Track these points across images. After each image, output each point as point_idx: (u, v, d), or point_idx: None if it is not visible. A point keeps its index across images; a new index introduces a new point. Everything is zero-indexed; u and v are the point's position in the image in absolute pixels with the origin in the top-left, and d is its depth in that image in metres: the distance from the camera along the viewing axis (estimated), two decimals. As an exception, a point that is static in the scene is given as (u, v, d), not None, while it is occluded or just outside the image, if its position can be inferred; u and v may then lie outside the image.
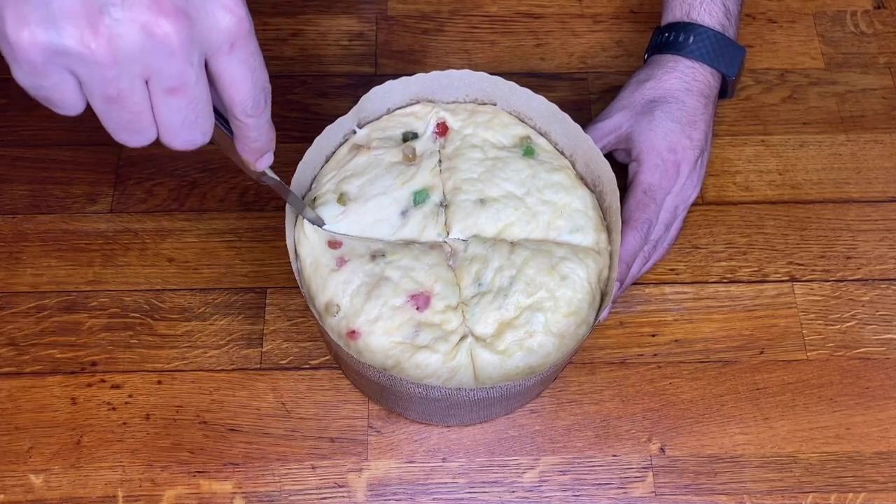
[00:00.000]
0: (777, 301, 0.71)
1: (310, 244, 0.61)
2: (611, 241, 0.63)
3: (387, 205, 0.63)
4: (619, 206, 0.62)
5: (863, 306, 0.71)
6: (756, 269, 0.73)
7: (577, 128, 0.64)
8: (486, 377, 0.59)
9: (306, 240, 0.62)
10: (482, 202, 0.64)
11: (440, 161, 0.66)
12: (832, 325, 0.70)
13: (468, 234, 0.63)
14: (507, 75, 0.66)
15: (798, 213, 0.75)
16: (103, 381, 0.67)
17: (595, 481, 0.64)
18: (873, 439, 0.66)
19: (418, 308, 0.59)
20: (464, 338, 0.59)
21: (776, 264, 0.73)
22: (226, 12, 0.41)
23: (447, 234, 0.63)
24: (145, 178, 0.75)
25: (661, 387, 0.68)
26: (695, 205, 0.74)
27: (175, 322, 0.69)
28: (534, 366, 0.59)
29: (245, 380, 0.67)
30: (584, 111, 0.79)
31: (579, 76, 0.82)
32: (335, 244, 0.62)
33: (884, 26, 0.85)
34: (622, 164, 0.71)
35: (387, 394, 0.61)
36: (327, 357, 0.68)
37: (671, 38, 0.71)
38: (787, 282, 0.72)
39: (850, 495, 0.64)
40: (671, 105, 0.69)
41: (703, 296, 0.71)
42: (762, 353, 0.69)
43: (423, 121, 0.67)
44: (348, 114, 0.64)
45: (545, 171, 0.65)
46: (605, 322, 0.70)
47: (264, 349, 0.68)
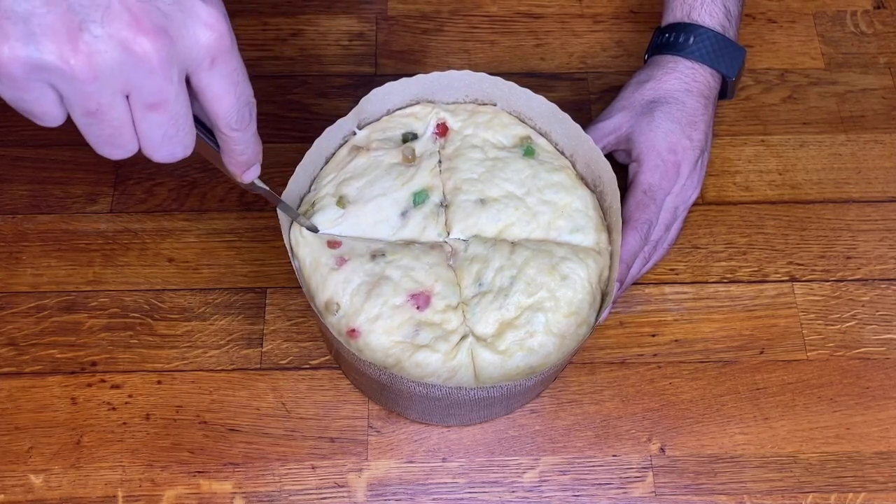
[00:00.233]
0: (777, 301, 0.71)
1: (308, 245, 0.61)
2: (611, 241, 0.63)
3: (386, 206, 0.63)
4: (620, 206, 0.62)
5: (863, 306, 0.71)
6: (756, 269, 0.73)
7: (578, 128, 0.64)
8: (486, 377, 0.59)
9: (304, 241, 0.62)
10: (482, 202, 0.64)
11: (440, 161, 0.66)
12: (832, 325, 0.70)
13: (468, 234, 0.63)
14: (507, 75, 0.66)
15: (798, 213, 0.75)
16: (103, 381, 0.67)
17: (595, 481, 0.64)
18: (873, 439, 0.66)
19: (419, 307, 0.59)
20: (464, 337, 0.59)
21: (776, 264, 0.73)
22: (206, 29, 0.41)
23: (447, 234, 0.63)
24: (145, 178, 0.75)
25: (661, 387, 0.68)
26: (695, 205, 0.75)
27: (175, 322, 0.69)
28: (534, 366, 0.59)
29: (245, 380, 0.67)
30: (584, 111, 0.79)
31: (579, 76, 0.82)
32: (334, 244, 0.62)
33: (884, 26, 0.85)
34: (622, 165, 0.71)
35: (387, 393, 0.61)
36: (327, 357, 0.68)
37: (671, 39, 0.71)
38: (787, 282, 0.72)
39: (850, 495, 0.64)
40: (671, 106, 0.69)
41: (703, 296, 0.71)
42: (762, 353, 0.69)
43: (423, 121, 0.67)
44: (348, 115, 0.64)
45: (545, 172, 0.65)
46: (605, 322, 0.70)
47: (264, 349, 0.68)
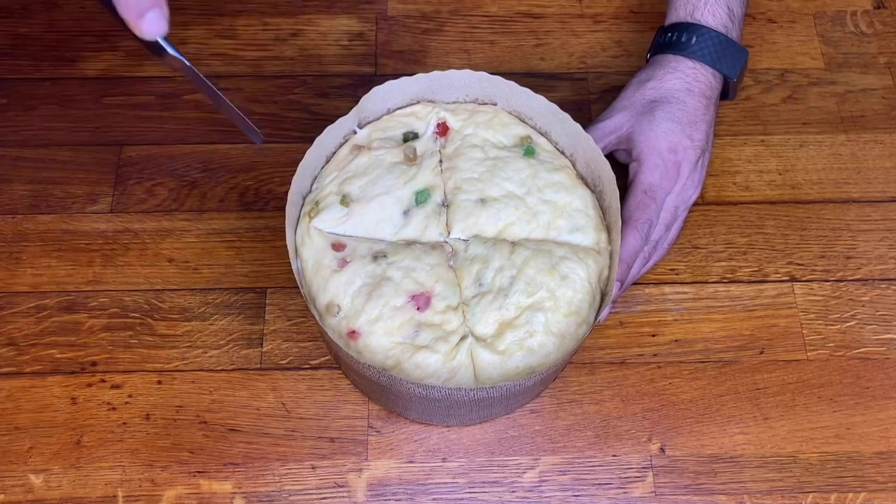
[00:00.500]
0: (777, 301, 0.71)
1: (314, 246, 0.62)
2: (611, 240, 0.63)
3: (389, 204, 0.63)
4: (620, 205, 0.62)
5: (863, 306, 0.71)
6: (756, 269, 0.73)
7: (578, 127, 0.64)
8: (486, 377, 0.59)
9: (310, 241, 0.62)
10: (483, 202, 0.64)
11: (441, 161, 0.66)
12: (832, 325, 0.70)
13: (469, 233, 0.63)
14: (507, 75, 0.66)
15: (798, 213, 0.75)
16: (103, 381, 0.67)
17: (595, 481, 0.64)
18: (873, 439, 0.66)
19: (419, 308, 0.59)
20: (464, 338, 0.59)
21: (776, 264, 0.73)
22: None
23: (448, 233, 0.63)
24: (145, 178, 0.75)
25: (661, 387, 0.68)
26: (695, 205, 0.74)
27: (175, 322, 0.69)
28: (534, 366, 0.59)
29: (245, 380, 0.67)
30: (584, 111, 0.79)
31: (579, 76, 0.82)
32: (339, 246, 0.62)
33: (884, 26, 0.85)
34: (622, 164, 0.71)
35: (387, 394, 0.61)
36: (327, 357, 0.68)
37: (674, 39, 0.71)
38: (787, 282, 0.72)
39: (850, 495, 0.64)
40: (672, 105, 0.69)
41: (703, 296, 0.71)
42: (762, 353, 0.69)
43: (424, 121, 0.67)
44: (349, 114, 0.64)
45: (545, 171, 0.65)
46: (605, 322, 0.70)
47: (264, 349, 0.68)
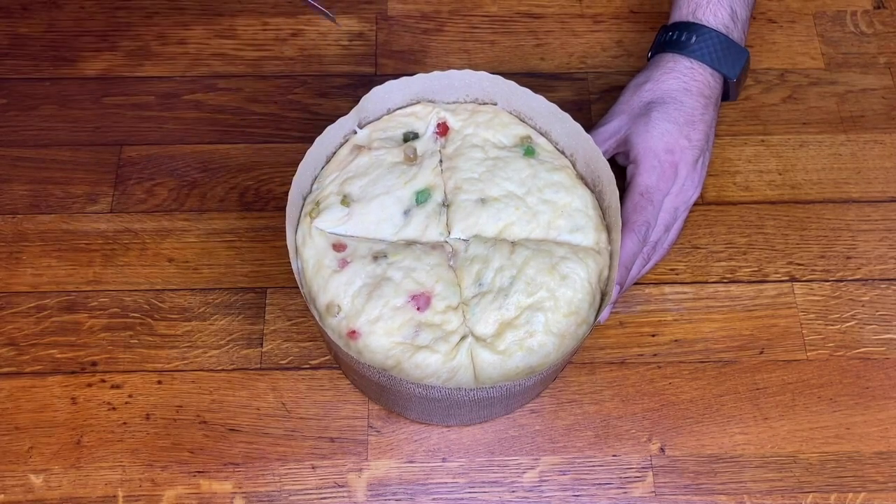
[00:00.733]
0: (777, 301, 0.71)
1: (315, 246, 0.62)
2: (611, 240, 0.63)
3: (389, 204, 0.63)
4: (619, 205, 0.62)
5: (863, 306, 0.71)
6: (756, 269, 0.73)
7: (578, 127, 0.64)
8: (486, 377, 0.59)
9: (312, 242, 0.62)
10: (483, 202, 0.64)
11: (441, 161, 0.66)
12: (832, 325, 0.70)
13: (469, 233, 0.63)
14: (507, 75, 0.66)
15: (798, 213, 0.75)
16: (103, 381, 0.67)
17: (595, 481, 0.64)
18: (873, 439, 0.66)
19: (419, 308, 0.59)
20: (464, 338, 0.59)
21: (776, 264, 0.73)
22: None
23: (448, 233, 0.63)
24: (145, 178, 0.75)
25: (661, 387, 0.68)
26: (695, 205, 0.74)
27: (175, 322, 0.69)
28: (534, 366, 0.59)
29: (245, 380, 0.67)
30: (584, 111, 0.79)
31: (579, 76, 0.82)
32: (340, 247, 0.62)
33: (884, 26, 0.85)
34: (623, 165, 0.71)
35: (387, 394, 0.61)
36: (327, 357, 0.68)
37: (674, 37, 0.71)
38: (787, 282, 0.72)
39: (850, 495, 0.64)
40: (668, 106, 0.69)
41: (703, 296, 0.71)
42: (762, 353, 0.69)
43: (424, 121, 0.67)
44: (349, 114, 0.64)
45: (545, 171, 0.65)
46: (605, 322, 0.70)
47: (264, 349, 0.68)
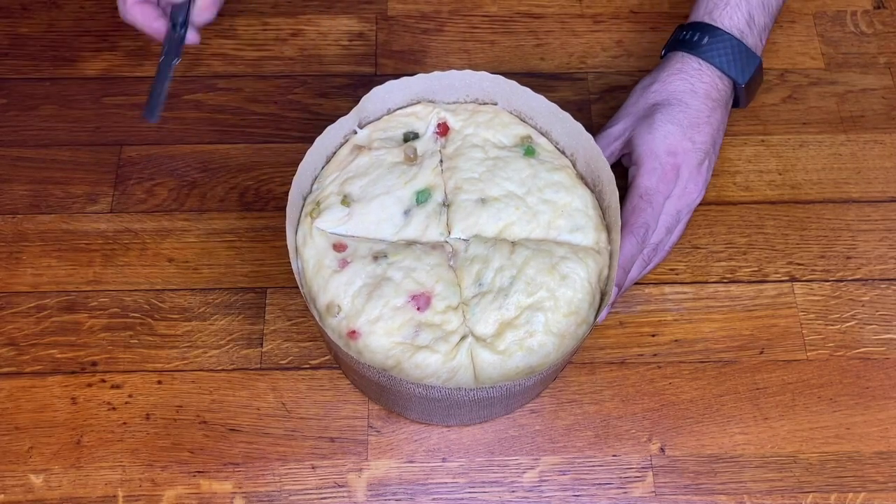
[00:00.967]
0: (777, 301, 0.71)
1: (315, 246, 0.62)
2: (611, 240, 0.63)
3: (390, 204, 0.63)
4: (619, 205, 0.62)
5: (863, 306, 0.71)
6: (756, 269, 0.73)
7: (579, 126, 0.64)
8: (486, 377, 0.59)
9: (312, 242, 0.62)
10: (483, 202, 0.64)
11: (441, 161, 0.66)
12: (832, 325, 0.70)
13: (469, 233, 0.63)
14: (507, 75, 0.66)
15: (798, 213, 0.75)
16: (103, 381, 0.67)
17: (595, 481, 0.64)
18: (873, 439, 0.66)
19: (419, 308, 0.59)
20: (464, 338, 0.59)
21: (776, 264, 0.73)
22: None
23: (449, 233, 0.63)
24: (145, 178, 0.75)
25: (661, 387, 0.68)
26: (695, 205, 0.75)
27: (175, 322, 0.69)
28: (534, 366, 0.59)
29: (245, 380, 0.67)
30: (584, 111, 0.79)
31: (579, 76, 0.82)
32: (340, 247, 0.62)
33: (884, 26, 0.85)
34: (624, 165, 0.71)
35: (387, 394, 0.61)
36: (327, 357, 0.68)
37: (687, 37, 0.71)
38: (787, 282, 0.72)
39: (850, 495, 0.64)
40: (673, 108, 0.68)
41: (703, 296, 0.71)
42: (762, 353, 0.69)
43: (424, 121, 0.67)
44: (349, 114, 0.64)
45: (546, 171, 0.65)
46: (604, 322, 0.70)
47: (264, 349, 0.68)
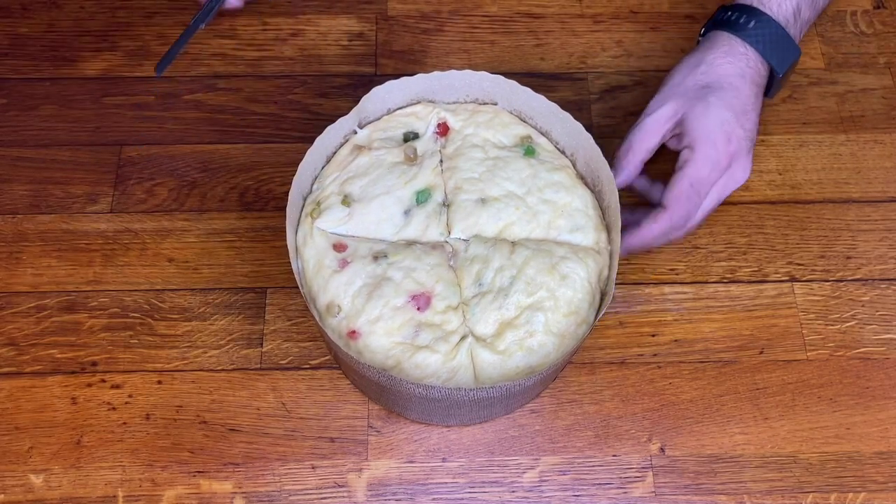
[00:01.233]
0: (777, 301, 0.71)
1: (315, 246, 0.62)
2: (610, 240, 0.63)
3: (390, 204, 0.63)
4: (619, 205, 0.62)
5: (863, 306, 0.71)
6: (756, 269, 0.73)
7: (579, 126, 0.64)
8: (486, 377, 0.59)
9: (313, 242, 0.62)
10: (483, 202, 0.64)
11: (441, 161, 0.66)
12: (832, 325, 0.70)
13: (469, 233, 0.63)
14: (507, 75, 0.66)
15: (798, 213, 0.75)
16: (103, 381, 0.67)
17: (595, 481, 0.64)
18: (873, 439, 0.66)
19: (419, 308, 0.59)
20: (464, 338, 0.59)
21: (776, 264, 0.73)
22: None
23: (449, 233, 0.63)
24: (145, 178, 0.75)
25: (661, 387, 0.68)
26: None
27: (175, 322, 0.69)
28: (534, 365, 0.59)
29: (245, 380, 0.67)
30: (584, 111, 0.79)
31: (579, 76, 0.82)
32: (340, 247, 0.62)
33: (884, 26, 0.85)
34: (673, 149, 0.70)
35: (387, 394, 0.61)
36: (327, 357, 0.68)
37: (732, 18, 0.70)
38: (787, 282, 0.72)
39: (850, 495, 0.64)
40: (726, 92, 0.67)
41: (703, 296, 0.71)
42: (762, 353, 0.69)
43: (424, 121, 0.67)
44: (349, 114, 0.64)
45: (546, 171, 0.65)
46: (604, 322, 0.70)
47: (264, 349, 0.68)
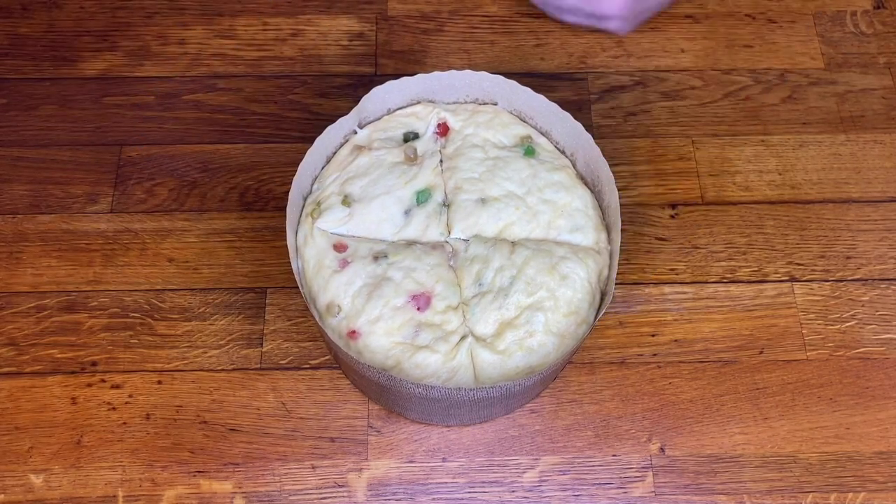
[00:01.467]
0: (777, 301, 0.71)
1: (316, 246, 0.62)
2: (610, 240, 0.63)
3: (390, 204, 0.63)
4: (619, 205, 0.62)
5: (863, 306, 0.71)
6: (756, 269, 0.73)
7: (579, 126, 0.64)
8: (486, 377, 0.59)
9: (313, 242, 0.62)
10: (483, 202, 0.64)
11: (441, 161, 0.66)
12: (832, 325, 0.70)
13: (469, 233, 0.63)
14: (507, 75, 0.66)
15: (798, 213, 0.75)
16: (103, 381, 0.67)
17: (595, 481, 0.64)
18: (873, 439, 0.66)
19: (419, 308, 0.59)
20: (464, 338, 0.59)
21: (776, 264, 0.73)
22: None
23: (449, 233, 0.63)
24: (145, 178, 0.75)
25: (661, 387, 0.68)
26: (695, 205, 0.75)
27: (175, 322, 0.69)
28: (534, 365, 0.59)
29: (245, 380, 0.67)
30: (584, 111, 0.79)
31: (579, 76, 0.82)
32: (341, 247, 0.62)
33: (884, 26, 0.85)
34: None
35: (387, 394, 0.61)
36: (327, 357, 0.68)
37: None
38: (786, 282, 0.72)
39: (850, 495, 0.64)
40: None
41: (703, 296, 0.71)
42: (762, 353, 0.69)
43: (424, 121, 0.67)
44: (349, 114, 0.64)
45: (546, 171, 0.65)
46: (604, 322, 0.70)
47: (264, 349, 0.68)
